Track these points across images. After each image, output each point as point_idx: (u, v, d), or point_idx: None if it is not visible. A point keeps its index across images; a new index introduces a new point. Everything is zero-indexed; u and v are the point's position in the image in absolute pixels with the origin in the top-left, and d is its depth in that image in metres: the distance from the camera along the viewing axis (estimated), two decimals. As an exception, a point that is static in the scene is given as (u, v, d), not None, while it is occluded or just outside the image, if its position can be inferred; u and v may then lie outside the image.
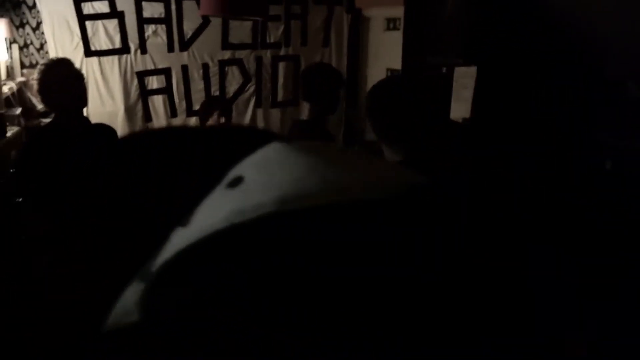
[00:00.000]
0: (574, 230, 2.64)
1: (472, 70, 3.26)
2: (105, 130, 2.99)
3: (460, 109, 3.30)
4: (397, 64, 4.28)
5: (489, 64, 3.26)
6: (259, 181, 0.36)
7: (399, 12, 4.23)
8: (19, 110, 3.82)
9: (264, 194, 0.34)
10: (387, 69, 4.48)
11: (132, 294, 0.35)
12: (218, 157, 0.42)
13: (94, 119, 3.84)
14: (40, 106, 4.24)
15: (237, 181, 0.37)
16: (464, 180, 1.75)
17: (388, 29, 4.49)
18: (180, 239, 0.35)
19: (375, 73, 4.70)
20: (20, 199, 2.66)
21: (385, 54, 4.54)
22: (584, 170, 2.83)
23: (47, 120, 3.29)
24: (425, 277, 0.35)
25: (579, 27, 2.87)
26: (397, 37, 4.28)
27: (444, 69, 3.52)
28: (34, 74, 4.40)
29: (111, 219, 0.48)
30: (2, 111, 3.39)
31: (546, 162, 2.91)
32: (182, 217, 0.37)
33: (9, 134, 3.33)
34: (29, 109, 4.09)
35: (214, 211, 0.35)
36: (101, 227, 0.47)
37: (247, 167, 0.38)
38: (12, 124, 3.60)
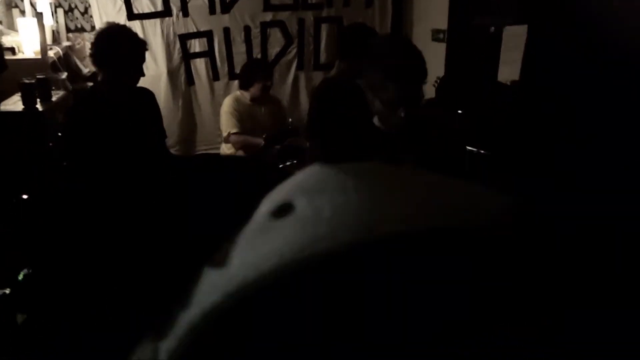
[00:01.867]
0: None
1: (523, 30, 3.11)
2: (145, 94, 3.00)
3: (508, 71, 3.17)
4: (443, 24, 4.14)
5: (542, 23, 3.10)
6: (311, 211, 0.32)
7: (445, -31, 4.06)
8: (64, 75, 3.87)
9: (321, 226, 0.30)
10: (433, 30, 4.33)
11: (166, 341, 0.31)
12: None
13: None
14: (86, 70, 4.29)
15: (285, 209, 0.33)
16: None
17: (434, -13, 4.33)
18: (229, 275, 0.31)
19: (420, 34, 4.56)
20: (66, 163, 2.71)
21: (431, 13, 4.39)
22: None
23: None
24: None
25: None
26: (443, -5, 4.13)
27: (492, 29, 3.37)
28: (79, 38, 4.46)
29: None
30: (48, 75, 3.44)
31: (599, 130, 2.77)
32: (213, 248, 0.33)
33: (54, 98, 3.38)
34: (74, 73, 4.14)
35: (264, 244, 0.31)
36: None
37: (294, 194, 0.34)
38: (58, 88, 3.65)
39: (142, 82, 3.87)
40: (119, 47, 2.61)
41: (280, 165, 2.83)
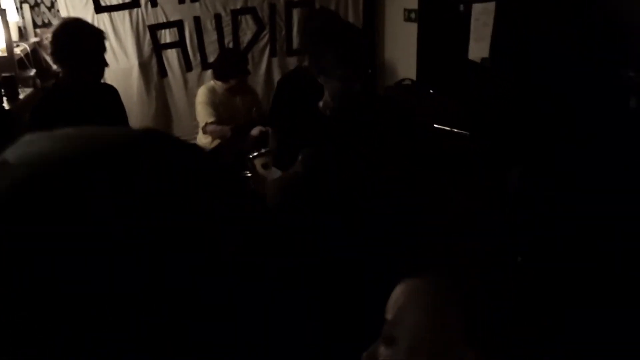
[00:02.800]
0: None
1: (491, 7, 3.10)
2: (109, 91, 2.96)
3: (478, 48, 3.16)
4: (415, 4, 4.12)
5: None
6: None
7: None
8: (33, 72, 3.80)
9: None
10: (405, 10, 4.31)
11: None
12: None
13: (108, 76, 3.80)
14: (55, 66, 4.21)
15: None
16: None
17: (405, -34, 4.29)
18: None
19: (393, 13, 4.54)
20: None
21: (403, -7, 4.36)
22: (609, 114, 2.69)
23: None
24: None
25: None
26: (414, -26, 4.10)
27: (462, 7, 3.35)
28: (47, 34, 4.37)
29: None
30: (14, 73, 3.38)
31: (567, 104, 2.77)
32: None
33: (22, 96, 3.33)
34: (44, 69, 4.07)
35: None
36: None
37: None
38: (27, 86, 3.59)
39: (114, 76, 3.84)
40: (78, 43, 2.55)
41: (251, 156, 2.80)
